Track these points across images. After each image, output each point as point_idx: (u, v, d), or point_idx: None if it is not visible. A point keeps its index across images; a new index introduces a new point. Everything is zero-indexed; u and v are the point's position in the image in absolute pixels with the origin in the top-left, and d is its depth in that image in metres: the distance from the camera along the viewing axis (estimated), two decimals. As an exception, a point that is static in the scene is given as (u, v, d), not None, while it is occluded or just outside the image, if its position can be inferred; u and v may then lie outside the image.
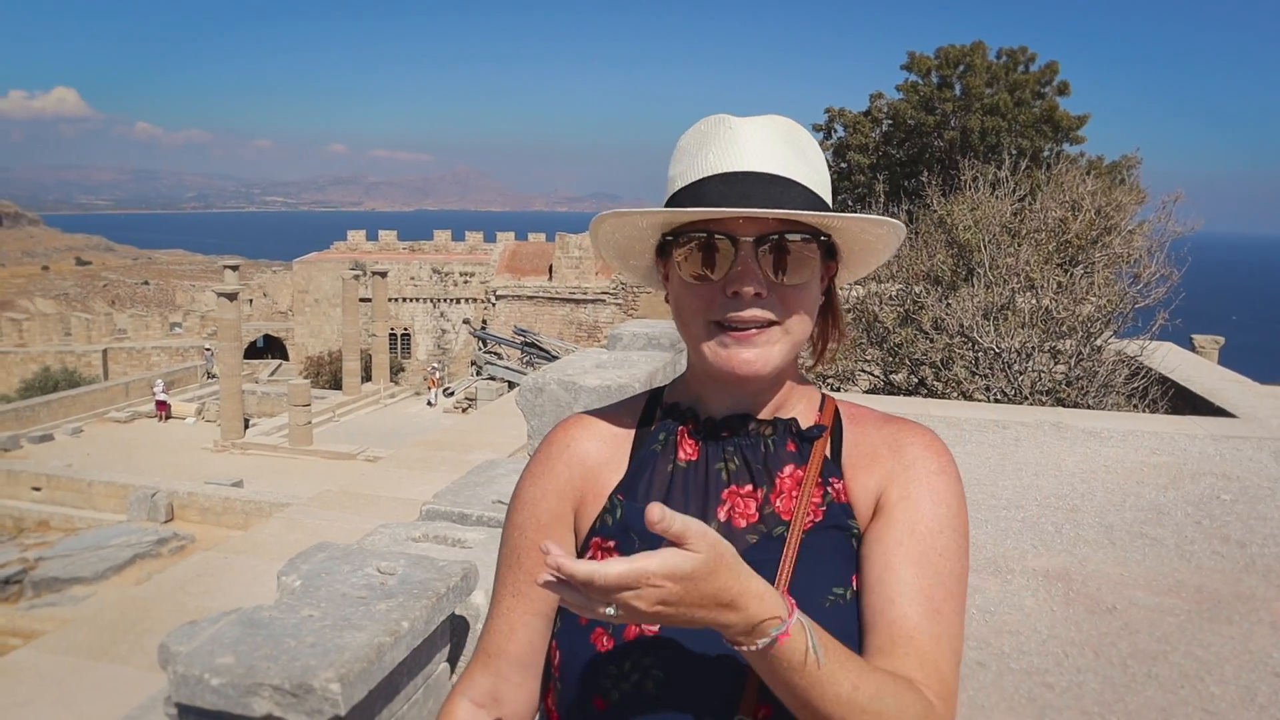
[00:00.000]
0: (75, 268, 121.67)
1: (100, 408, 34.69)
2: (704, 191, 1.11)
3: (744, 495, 1.15)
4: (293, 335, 49.22)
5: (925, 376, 11.11)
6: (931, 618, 1.05)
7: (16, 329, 46.48)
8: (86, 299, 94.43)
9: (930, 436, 1.19)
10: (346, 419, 34.40)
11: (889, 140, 28.81)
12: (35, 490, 23.73)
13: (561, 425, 1.29)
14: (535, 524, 1.22)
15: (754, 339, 1.10)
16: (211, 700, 2.20)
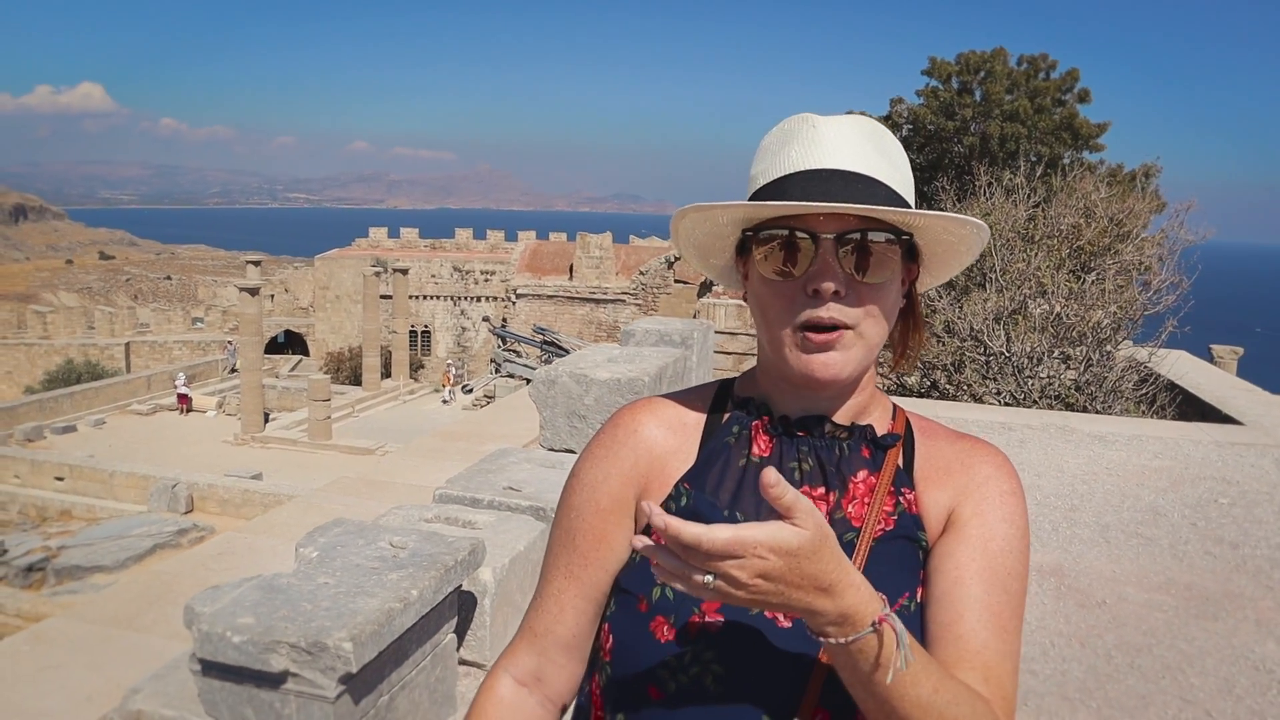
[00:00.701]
0: (99, 262, 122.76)
1: (122, 400, 35.05)
2: (786, 188, 1.11)
3: (816, 498, 1.14)
4: (314, 331, 49.61)
5: (937, 379, 11.22)
6: (998, 635, 1.06)
7: (41, 321, 47.01)
8: (109, 293, 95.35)
9: (1002, 457, 1.20)
10: (366, 415, 34.67)
11: (908, 145, 28.83)
12: (58, 480, 24.06)
13: (628, 409, 1.27)
14: (594, 508, 1.20)
15: (833, 343, 1.09)
16: (233, 656, 2.36)
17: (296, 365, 46.40)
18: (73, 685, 3.17)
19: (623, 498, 1.19)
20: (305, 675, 2.35)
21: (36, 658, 3.34)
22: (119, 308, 52.24)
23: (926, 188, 20.31)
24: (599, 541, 1.18)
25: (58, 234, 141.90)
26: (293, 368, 45.71)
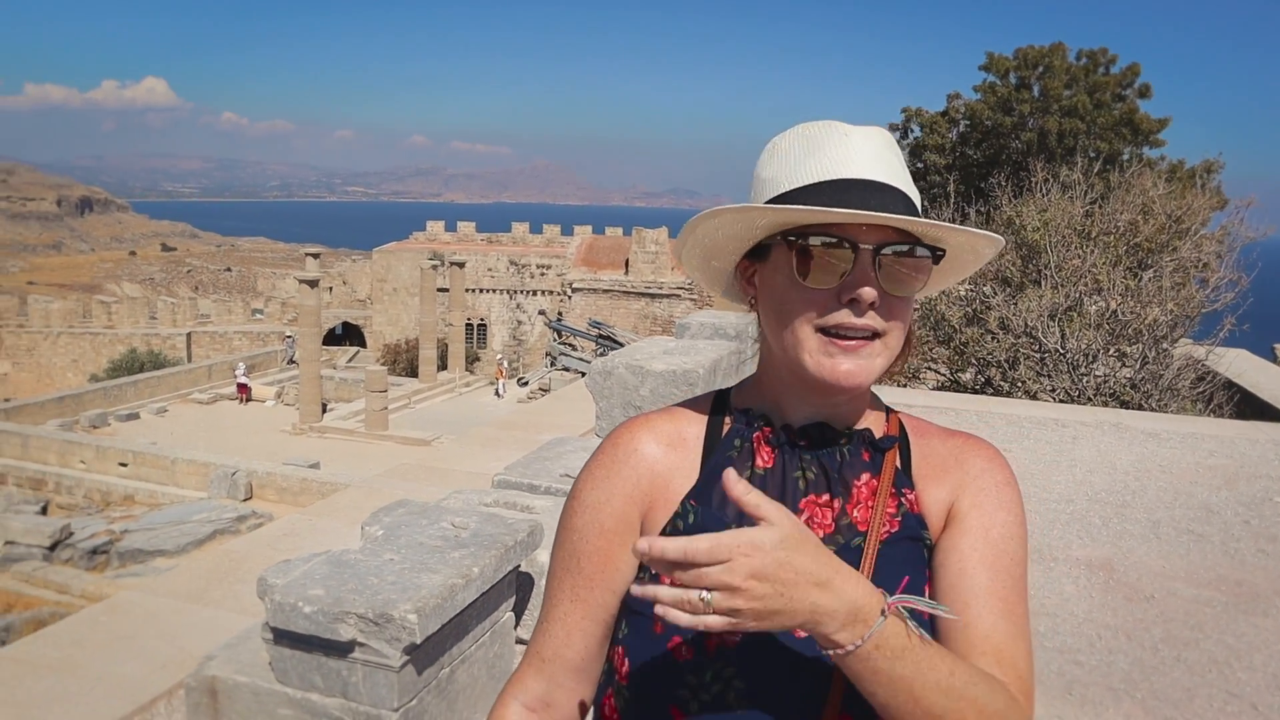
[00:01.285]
0: (161, 253, 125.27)
1: (184, 389, 35.77)
2: (823, 195, 1.09)
3: (821, 505, 1.15)
4: (371, 323, 50.28)
5: (992, 376, 11.17)
6: (1007, 618, 1.08)
7: (106, 311, 48.10)
8: (171, 284, 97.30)
9: (993, 450, 1.22)
10: (421, 406, 35.09)
11: (965, 141, 28.56)
12: (122, 466, 24.66)
13: (625, 427, 1.25)
14: (598, 529, 1.18)
15: (858, 350, 1.09)
16: (303, 625, 2.49)
17: (354, 357, 47.05)
18: (148, 653, 3.34)
19: (627, 517, 1.18)
20: (372, 645, 2.48)
21: (113, 627, 3.52)
22: (180, 298, 53.31)
23: (982, 184, 20.14)
24: (604, 563, 1.18)
25: (122, 226, 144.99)
26: (350, 359, 46.36)
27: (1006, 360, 10.71)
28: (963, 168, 27.27)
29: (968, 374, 11.57)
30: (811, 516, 1.14)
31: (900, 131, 30.22)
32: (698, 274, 1.28)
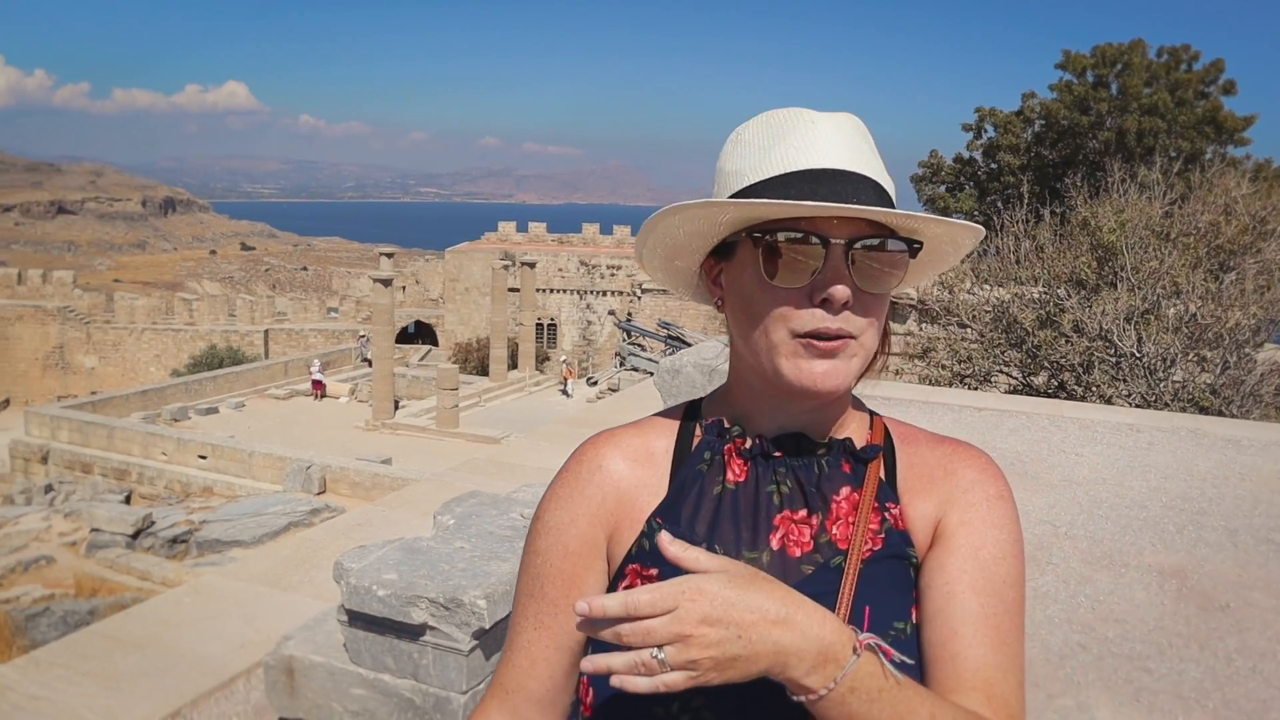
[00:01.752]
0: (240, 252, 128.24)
1: (261, 384, 36.57)
2: (791, 187, 1.02)
3: (798, 521, 1.07)
4: (443, 322, 50.95)
5: (1065, 380, 10.99)
6: (998, 649, 1.00)
7: (187, 309, 49.40)
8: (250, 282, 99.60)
9: (986, 459, 1.14)
10: (492, 404, 35.46)
11: (1040, 141, 28.11)
12: (201, 458, 25.31)
13: (589, 443, 1.18)
14: (562, 551, 1.11)
15: (834, 352, 1.02)
16: (377, 608, 2.58)
17: (426, 355, 47.72)
18: (229, 634, 3.47)
19: (592, 539, 1.11)
20: (442, 629, 2.55)
21: (196, 608, 3.66)
22: (258, 296, 54.57)
23: (1057, 184, 19.80)
24: (569, 587, 1.10)
25: (203, 225, 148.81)
26: (422, 357, 47.03)
27: (1081, 364, 10.53)
28: (1037, 168, 26.83)
29: (1040, 377, 11.40)
30: (787, 534, 1.07)
31: (974, 132, 29.85)
32: (659, 274, 1.20)
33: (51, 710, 3.01)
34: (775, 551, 1.06)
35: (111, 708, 3.04)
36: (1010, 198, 24.49)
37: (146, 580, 16.73)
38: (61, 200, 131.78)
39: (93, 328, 48.12)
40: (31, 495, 23.82)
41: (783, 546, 1.06)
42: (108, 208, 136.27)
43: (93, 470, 26.27)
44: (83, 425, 27.33)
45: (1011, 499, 1.12)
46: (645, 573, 1.06)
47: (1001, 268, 12.56)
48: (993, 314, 11.74)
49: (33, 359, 47.44)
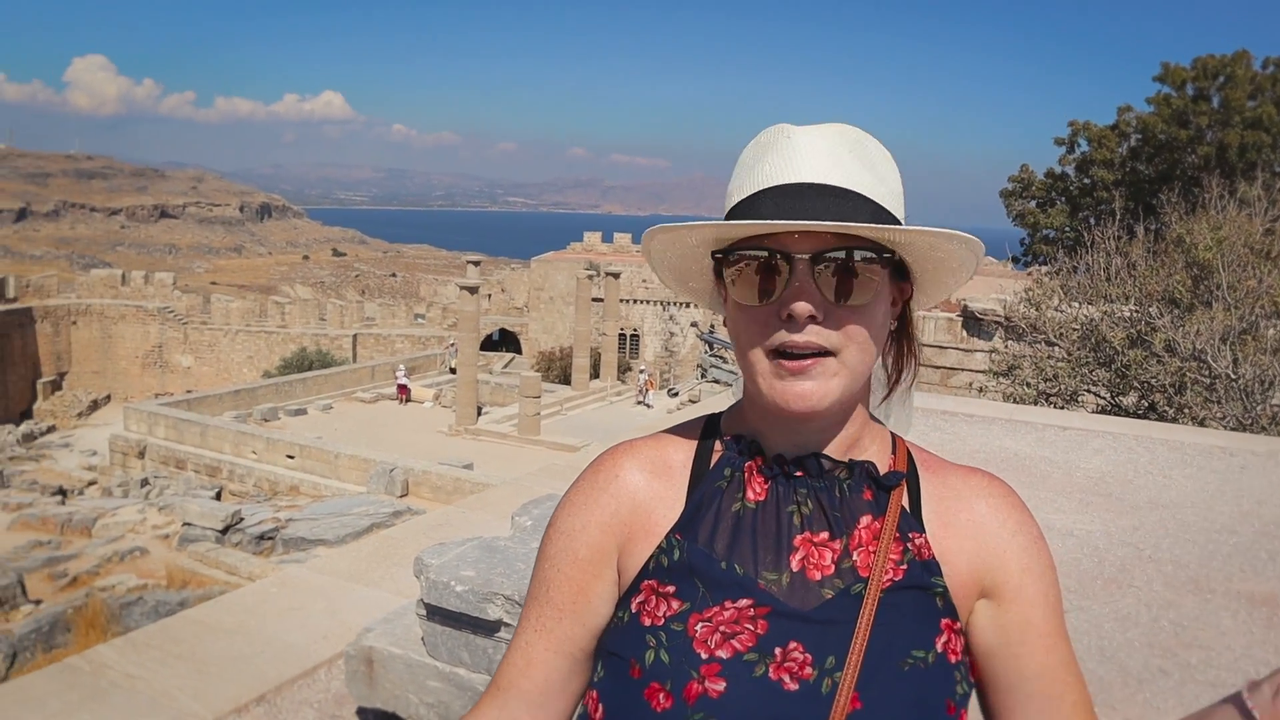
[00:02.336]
0: (332, 258, 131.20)
1: (348, 387, 37.35)
2: (758, 205, 1.03)
3: (819, 544, 1.06)
4: (527, 330, 51.52)
5: (1156, 401, 10.71)
6: (1082, 682, 1.10)
7: (280, 312, 50.72)
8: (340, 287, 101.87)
9: (1014, 493, 1.15)
10: (573, 413, 35.69)
11: (1136, 155, 27.41)
12: (289, 458, 25.95)
13: (609, 453, 1.18)
14: (571, 558, 1.11)
15: (810, 370, 1.01)
16: (455, 603, 2.65)
17: (509, 363, 48.29)
18: (312, 624, 3.59)
19: (603, 547, 1.11)
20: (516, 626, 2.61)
21: (282, 600, 3.80)
22: (348, 301, 55.79)
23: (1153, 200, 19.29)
24: (576, 594, 1.10)
25: (296, 231, 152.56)
26: (506, 365, 47.59)
27: (1172, 385, 10.26)
28: (1132, 184, 26.17)
29: (1130, 398, 11.13)
30: (807, 556, 1.06)
31: (1066, 146, 29.24)
32: (687, 297, 1.22)
33: (145, 689, 3.16)
34: (795, 573, 1.05)
35: (201, 689, 3.18)
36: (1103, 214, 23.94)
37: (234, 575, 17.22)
38: (165, 205, 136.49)
39: (190, 328, 49.75)
40: (129, 488, 24.74)
41: (803, 569, 1.05)
42: (207, 213, 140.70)
43: (186, 466, 27.16)
44: (178, 422, 28.28)
45: (1041, 531, 1.14)
46: (661, 589, 1.05)
47: (1091, 285, 12.29)
48: (1081, 332, 11.49)
49: (133, 357, 49.23)
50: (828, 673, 0.99)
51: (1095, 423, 8.20)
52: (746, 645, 1.00)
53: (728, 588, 1.03)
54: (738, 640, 1.00)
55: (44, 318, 47.56)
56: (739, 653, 1.00)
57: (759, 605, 1.02)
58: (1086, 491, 6.25)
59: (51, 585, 14.60)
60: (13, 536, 17.59)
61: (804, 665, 1.00)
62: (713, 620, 1.02)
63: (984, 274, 42.89)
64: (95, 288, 50.38)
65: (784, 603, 1.03)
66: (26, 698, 3.09)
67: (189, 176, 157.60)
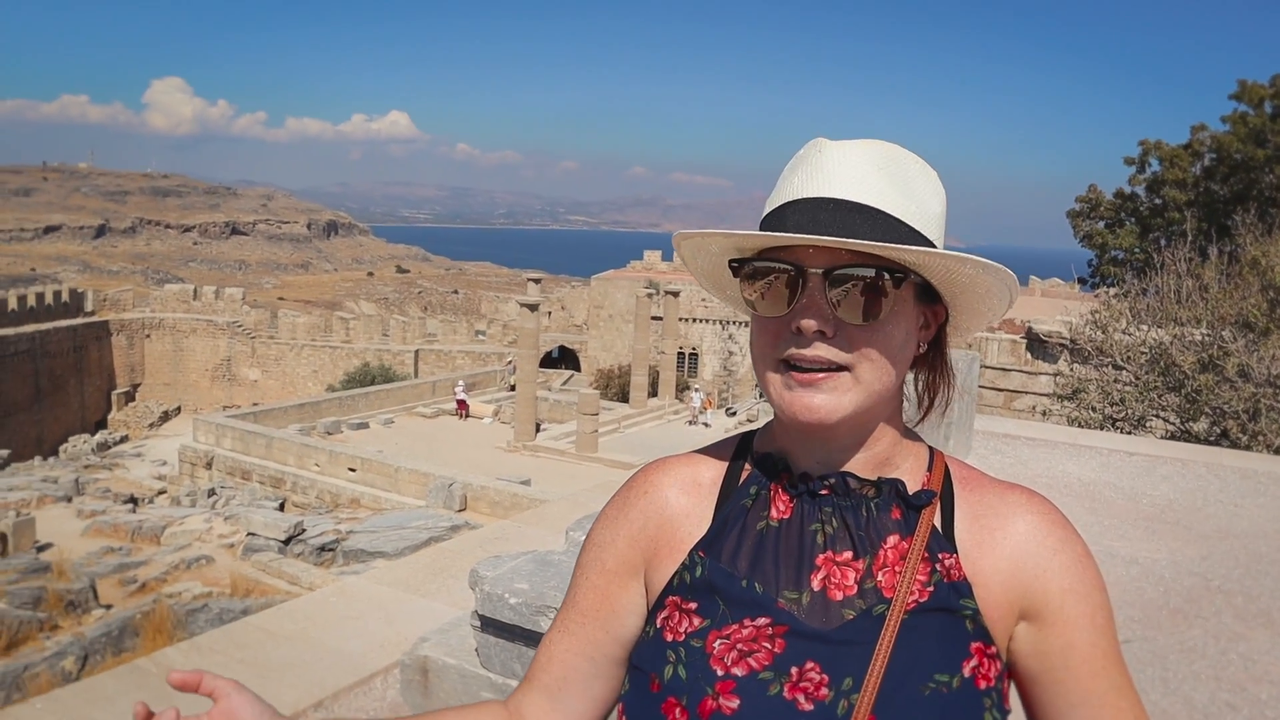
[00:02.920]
0: (395, 275, 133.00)
1: (409, 402, 37.76)
2: (784, 218, 1.03)
3: (841, 564, 1.05)
4: (586, 348, 51.77)
5: (1228, 428, 10.45)
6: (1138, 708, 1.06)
7: (344, 327, 51.54)
8: (403, 303, 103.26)
9: (1055, 509, 1.11)
10: (631, 431, 35.72)
11: (1210, 175, 26.82)
12: (351, 471, 26.27)
13: (644, 468, 1.21)
14: (600, 567, 1.15)
15: (820, 384, 1.00)
16: (509, 616, 2.68)
17: (568, 380, 48.51)
18: (369, 633, 3.64)
19: (629, 560, 1.14)
20: (568, 638, 2.63)
21: (341, 609, 3.86)
22: (411, 318, 56.52)
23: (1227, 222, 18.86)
24: (601, 601, 1.14)
25: (361, 248, 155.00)
26: (564, 382, 47.81)
27: (1246, 411, 10.01)
28: (1205, 204, 25.61)
29: (1201, 424, 10.86)
30: (829, 576, 1.05)
31: (1137, 166, 28.71)
32: (722, 300, 1.22)
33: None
34: (816, 593, 1.04)
35: (261, 694, 3.22)
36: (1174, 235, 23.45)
37: (295, 585, 17.48)
38: (236, 222, 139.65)
39: (257, 342, 50.77)
40: (196, 498, 25.23)
41: (824, 588, 1.04)
42: (276, 229, 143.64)
43: (251, 477, 27.66)
44: (244, 434, 28.81)
45: (1087, 546, 1.11)
46: (685, 606, 1.06)
47: (1161, 307, 12.05)
48: (1150, 355, 11.27)
49: (203, 369, 50.37)
50: (844, 694, 0.98)
51: (1163, 449, 8.03)
52: (762, 664, 1.00)
53: (747, 606, 1.03)
54: (754, 658, 1.00)
55: (119, 331, 48.92)
56: (754, 671, 1.00)
57: (777, 624, 1.02)
58: (1152, 519, 6.12)
59: (121, 591, 14.94)
60: (86, 543, 18.04)
61: (820, 685, 0.99)
62: (731, 638, 1.02)
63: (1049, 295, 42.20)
64: (168, 302, 51.69)
65: (803, 622, 1.02)
66: (97, 696, 3.18)
67: (259, 194, 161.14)
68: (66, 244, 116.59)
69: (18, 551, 16.13)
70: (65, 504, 22.38)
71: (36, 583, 13.31)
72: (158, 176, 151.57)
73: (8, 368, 41.29)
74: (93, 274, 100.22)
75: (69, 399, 45.31)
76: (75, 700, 3.14)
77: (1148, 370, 11.25)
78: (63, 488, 24.36)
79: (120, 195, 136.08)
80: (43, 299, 45.54)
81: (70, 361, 45.50)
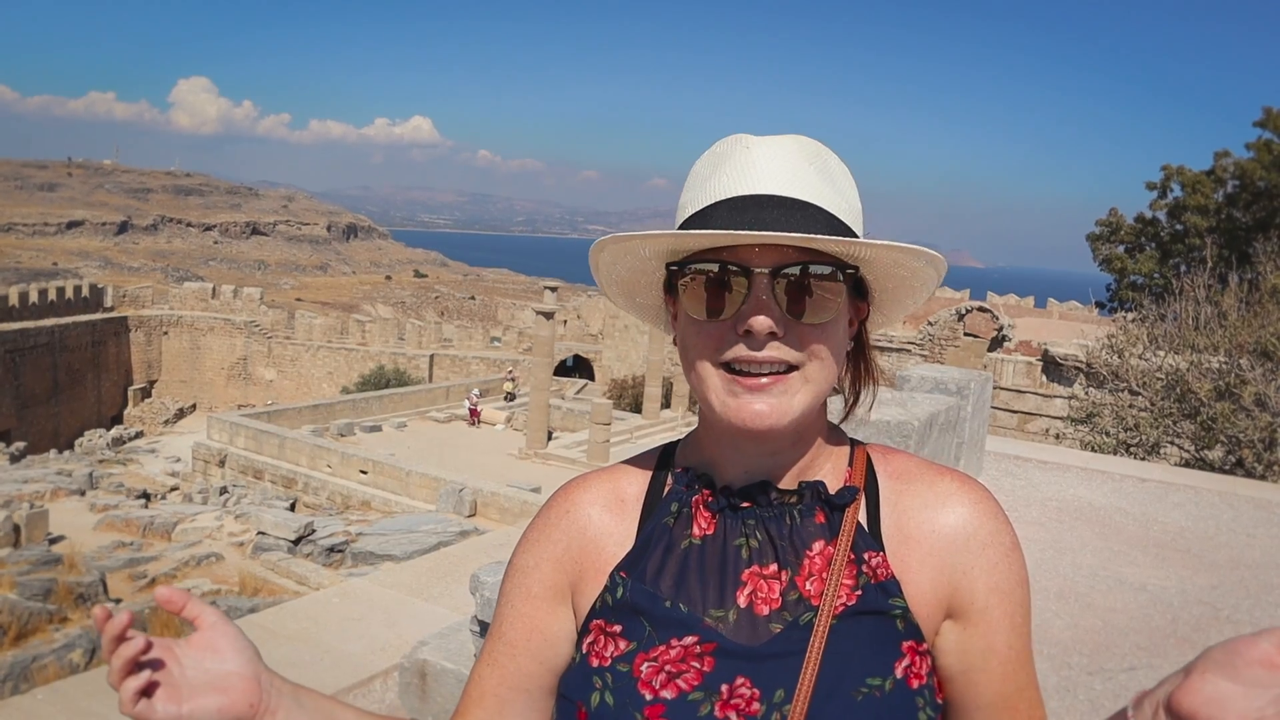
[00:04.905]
0: (413, 279, 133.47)
1: (423, 406, 37.82)
2: (714, 216, 0.99)
3: (767, 577, 1.02)
4: (600, 357, 51.80)
5: (1244, 457, 10.37)
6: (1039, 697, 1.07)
7: (360, 330, 51.70)
8: (420, 308, 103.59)
9: (989, 498, 1.07)
10: (643, 441, 35.61)
11: (1233, 202, 26.68)
12: (362, 473, 26.33)
13: (563, 488, 1.16)
14: (524, 594, 1.10)
15: (769, 388, 0.97)
16: (509, 621, 2.67)
17: (582, 389, 48.51)
18: (370, 635, 3.65)
19: (556, 585, 1.10)
20: (567, 646, 2.63)
21: (344, 610, 3.86)
22: (427, 322, 56.70)
23: (1248, 249, 18.75)
24: (530, 631, 1.09)
25: (380, 252, 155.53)
26: (578, 391, 47.81)
27: (1261, 440, 9.93)
28: (1227, 231, 25.49)
29: (1216, 452, 10.79)
30: (755, 590, 1.02)
31: (1159, 190, 28.60)
32: (633, 313, 1.18)
33: (206, 690, 3.24)
34: (742, 609, 1.01)
35: (259, 694, 3.24)
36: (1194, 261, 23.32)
37: (304, 585, 17.53)
38: (256, 222, 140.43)
39: (274, 342, 50.98)
40: (208, 496, 25.33)
41: (750, 604, 1.01)
42: (296, 231, 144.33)
43: (263, 477, 27.75)
44: (257, 434, 28.92)
45: (1016, 536, 1.07)
46: (610, 629, 1.03)
47: (1179, 334, 11.99)
48: (1166, 381, 11.20)
49: (219, 368, 50.60)
50: (776, 707, 0.95)
51: (1176, 475, 7.97)
52: (692, 684, 0.97)
53: (673, 626, 1.00)
54: (683, 679, 0.97)
55: (138, 327, 49.22)
56: (684, 692, 0.97)
57: (705, 642, 0.99)
58: (1163, 546, 6.08)
59: (131, 585, 15.01)
60: (98, 536, 18.14)
61: (751, 701, 0.96)
62: (659, 660, 0.99)
63: (1067, 318, 41.98)
64: (187, 300, 51.98)
65: (730, 639, 0.99)
66: (96, 689, 3.19)
67: (280, 195, 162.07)
68: (89, 239, 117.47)
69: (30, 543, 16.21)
70: (79, 497, 22.50)
71: (47, 575, 13.37)
72: (181, 175, 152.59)
73: (27, 360, 41.59)
74: (113, 270, 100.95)
75: (86, 393, 45.57)
76: (75, 691, 3.15)
77: (1163, 396, 11.18)
78: (77, 481, 24.49)
79: (143, 193, 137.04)
80: (63, 293, 45.85)
81: (88, 356, 45.78)
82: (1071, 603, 4.98)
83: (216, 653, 0.94)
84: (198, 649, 0.93)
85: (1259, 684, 0.80)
